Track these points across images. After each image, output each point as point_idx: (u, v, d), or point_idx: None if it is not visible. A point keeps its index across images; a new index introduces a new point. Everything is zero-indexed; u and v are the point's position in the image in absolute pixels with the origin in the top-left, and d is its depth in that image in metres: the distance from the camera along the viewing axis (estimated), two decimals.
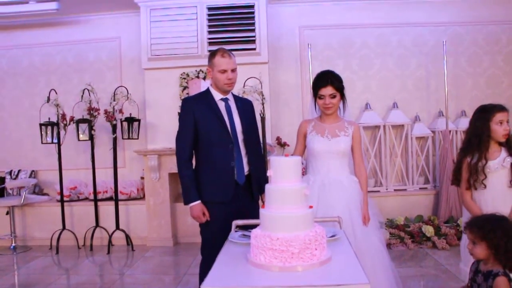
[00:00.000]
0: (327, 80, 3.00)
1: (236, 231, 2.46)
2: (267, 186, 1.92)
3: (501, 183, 2.84)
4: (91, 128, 5.60)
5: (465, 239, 2.66)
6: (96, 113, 5.59)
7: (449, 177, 5.45)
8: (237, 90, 5.22)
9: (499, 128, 2.83)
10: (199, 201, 2.93)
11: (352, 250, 2.10)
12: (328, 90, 2.98)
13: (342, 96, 3.08)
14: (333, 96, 3.00)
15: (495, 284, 2.08)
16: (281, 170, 1.89)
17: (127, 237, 5.69)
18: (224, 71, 2.93)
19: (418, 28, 6.14)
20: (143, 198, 5.98)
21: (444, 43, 5.71)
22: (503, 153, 2.85)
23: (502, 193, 2.83)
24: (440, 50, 5.79)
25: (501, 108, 2.88)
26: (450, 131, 5.72)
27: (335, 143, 3.03)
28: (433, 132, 5.96)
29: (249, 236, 2.04)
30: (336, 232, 2.33)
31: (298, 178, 1.93)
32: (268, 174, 1.92)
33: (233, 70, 2.97)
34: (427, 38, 6.14)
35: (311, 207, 1.91)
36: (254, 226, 2.03)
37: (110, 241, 5.57)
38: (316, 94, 3.06)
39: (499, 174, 2.84)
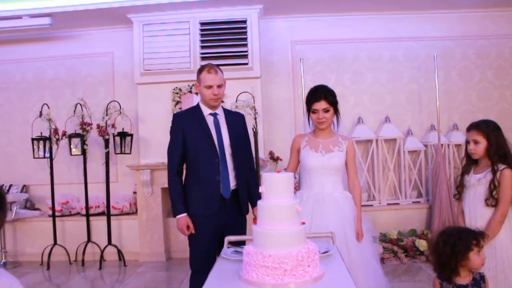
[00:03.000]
0: (321, 95, 3.01)
1: (228, 247, 2.45)
2: (259, 202, 1.91)
3: (475, 199, 2.84)
4: (83, 142, 5.59)
5: None
6: (89, 128, 5.58)
7: (441, 190, 5.51)
8: (229, 104, 5.25)
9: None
10: (184, 214, 2.97)
11: (345, 266, 2.09)
12: (321, 105, 2.99)
13: (336, 111, 3.08)
14: (327, 111, 3.01)
15: (486, 282, 2.29)
16: (273, 186, 1.89)
17: (119, 252, 5.63)
18: (210, 87, 2.97)
19: (409, 43, 6.19)
20: (135, 213, 5.93)
21: (435, 57, 5.76)
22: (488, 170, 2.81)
23: (477, 210, 2.83)
24: (431, 64, 5.84)
25: None
26: (442, 145, 5.74)
27: (329, 158, 3.02)
28: (425, 145, 5.98)
29: (241, 253, 2.03)
30: (329, 248, 2.32)
31: (291, 194, 1.92)
32: (260, 190, 1.92)
33: (219, 86, 2.99)
34: (418, 52, 6.19)
35: (303, 223, 1.91)
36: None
37: (102, 257, 5.50)
38: (309, 109, 3.07)
39: (475, 189, 2.85)
